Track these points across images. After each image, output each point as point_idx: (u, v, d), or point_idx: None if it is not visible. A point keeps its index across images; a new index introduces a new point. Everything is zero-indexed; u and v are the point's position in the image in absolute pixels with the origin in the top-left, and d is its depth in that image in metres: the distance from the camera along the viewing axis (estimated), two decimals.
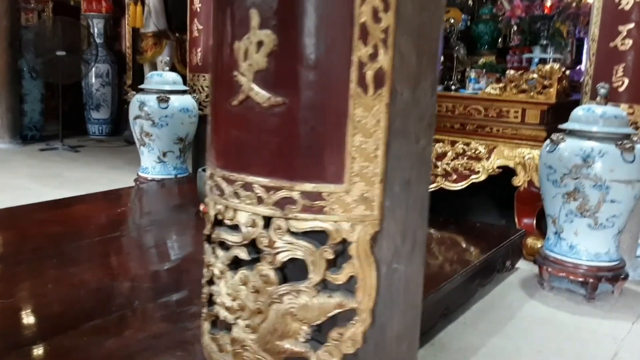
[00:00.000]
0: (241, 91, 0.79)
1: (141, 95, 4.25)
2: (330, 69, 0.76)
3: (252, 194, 0.80)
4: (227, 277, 0.85)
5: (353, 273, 0.80)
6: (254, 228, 0.81)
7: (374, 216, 0.79)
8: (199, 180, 3.25)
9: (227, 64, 0.81)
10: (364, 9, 0.74)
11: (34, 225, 2.89)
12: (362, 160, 0.78)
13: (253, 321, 0.82)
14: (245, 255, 0.82)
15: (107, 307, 1.95)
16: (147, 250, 2.63)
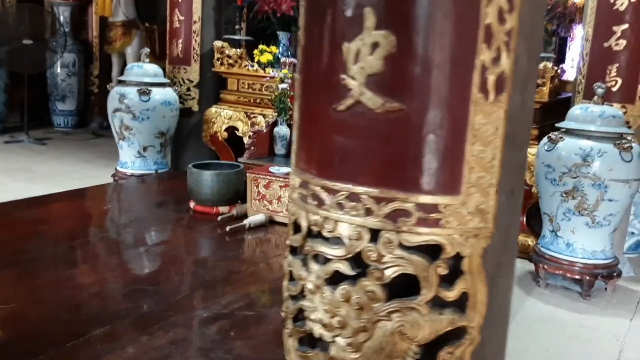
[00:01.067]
0: (350, 96, 0.74)
1: (121, 88, 4.10)
2: (452, 73, 0.71)
3: (359, 205, 0.75)
4: (325, 293, 0.79)
5: (465, 289, 0.76)
6: (359, 241, 0.76)
7: (488, 229, 0.76)
8: (189, 176, 3.16)
9: (331, 67, 0.76)
10: (490, 9, 0.70)
11: (18, 224, 2.76)
12: (480, 170, 0.74)
13: (356, 340, 0.77)
14: (348, 269, 0.77)
15: (115, 311, 1.87)
16: (144, 250, 2.53)
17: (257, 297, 2.09)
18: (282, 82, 3.57)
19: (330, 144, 0.77)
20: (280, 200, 3.03)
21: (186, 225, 2.94)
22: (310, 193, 0.80)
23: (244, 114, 4.25)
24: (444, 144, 0.73)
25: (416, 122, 0.72)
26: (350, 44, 0.73)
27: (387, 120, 0.73)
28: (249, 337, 1.78)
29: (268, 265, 2.44)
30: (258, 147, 3.57)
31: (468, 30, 0.70)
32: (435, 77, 0.71)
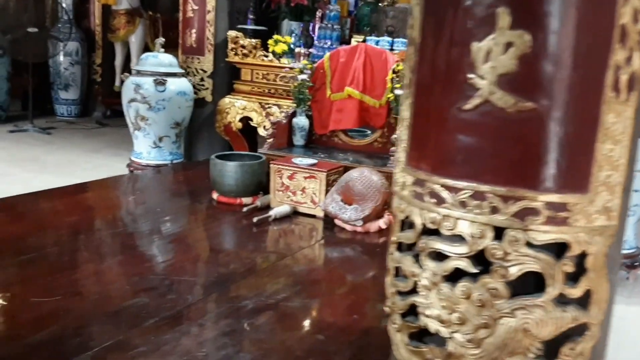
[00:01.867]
0: (478, 95, 0.74)
1: (136, 78, 4.08)
2: (586, 73, 0.72)
3: (484, 204, 0.75)
4: (442, 289, 0.80)
5: (589, 286, 0.77)
6: (481, 239, 0.76)
7: (613, 227, 0.77)
8: (212, 167, 3.15)
9: (455, 66, 0.76)
10: (626, 9, 0.70)
11: (44, 216, 2.75)
12: (608, 169, 0.74)
13: (476, 336, 0.78)
14: (470, 267, 0.78)
15: (159, 303, 1.87)
16: (175, 242, 2.53)
17: (296, 289, 2.09)
18: (302, 73, 3.55)
19: (453, 142, 0.77)
20: (305, 192, 3.03)
21: (212, 217, 2.93)
22: (427, 191, 0.80)
23: (258, 104, 4.24)
24: (575, 142, 0.73)
25: (548, 121, 0.72)
26: (481, 44, 0.73)
27: (518, 119, 0.73)
28: (297, 328, 1.78)
29: (298, 257, 2.45)
30: (277, 137, 3.57)
31: (603, 30, 0.71)
32: (569, 77, 0.72)
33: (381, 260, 2.43)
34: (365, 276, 2.29)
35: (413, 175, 0.83)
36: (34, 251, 2.25)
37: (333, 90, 3.59)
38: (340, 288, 2.16)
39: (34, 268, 2.07)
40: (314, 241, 2.70)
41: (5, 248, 2.24)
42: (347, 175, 2.89)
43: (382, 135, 3.58)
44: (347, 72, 3.54)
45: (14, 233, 2.41)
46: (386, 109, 3.47)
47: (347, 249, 2.59)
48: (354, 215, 2.78)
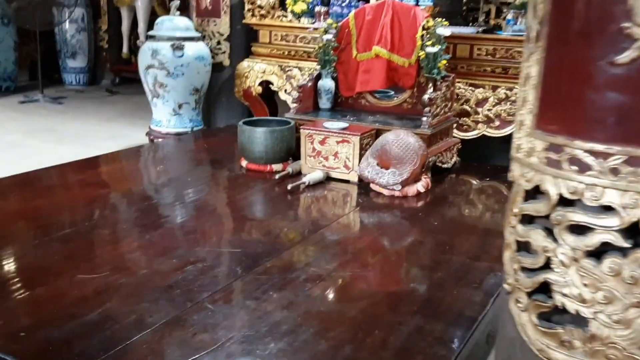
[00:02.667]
0: (636, 47, 0.65)
1: (152, 43, 3.95)
2: None
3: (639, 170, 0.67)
4: (584, 266, 0.72)
5: None
6: (636, 210, 0.68)
7: None
8: (240, 134, 3.06)
9: (608, 14, 0.67)
10: None
11: (77, 188, 2.69)
12: None
13: (625, 316, 0.71)
14: (620, 241, 0.70)
15: (210, 276, 1.81)
16: (215, 212, 2.46)
17: (345, 258, 2.03)
18: (326, 33, 3.42)
19: (601, 102, 0.69)
20: (337, 156, 2.95)
21: (245, 185, 2.86)
22: (565, 157, 0.72)
23: (278, 67, 4.11)
24: None
25: None
26: None
27: None
28: (355, 299, 1.72)
29: (339, 224, 2.37)
30: (302, 101, 3.46)
31: None
32: None
33: (424, 225, 2.37)
34: (411, 242, 2.22)
35: (545, 140, 0.75)
36: (71, 226, 2.20)
37: (359, 50, 3.47)
38: (389, 256, 2.10)
39: (74, 244, 2.01)
40: (351, 208, 2.63)
41: (40, 224, 2.19)
42: (383, 139, 2.81)
43: (412, 95, 3.46)
44: (374, 30, 3.40)
45: (46, 208, 2.35)
46: (416, 68, 3.35)
47: (387, 215, 2.52)
48: (392, 180, 2.70)
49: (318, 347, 1.45)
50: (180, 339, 1.47)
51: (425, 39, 3.20)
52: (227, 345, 1.44)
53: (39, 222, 2.20)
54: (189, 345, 1.44)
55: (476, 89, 3.49)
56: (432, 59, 3.17)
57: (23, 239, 2.06)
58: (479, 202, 2.76)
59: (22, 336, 1.44)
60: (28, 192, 2.54)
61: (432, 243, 2.18)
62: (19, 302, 1.62)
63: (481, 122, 3.49)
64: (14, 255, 1.93)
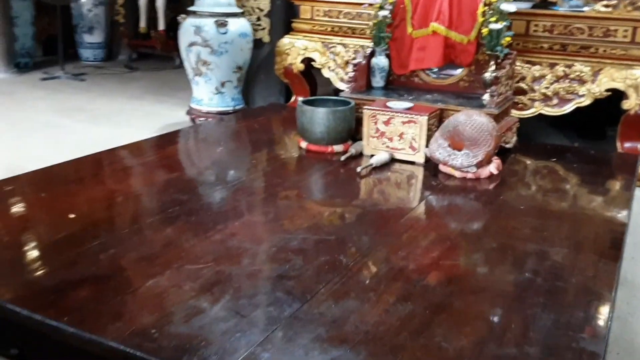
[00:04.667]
0: None
1: (195, 19, 3.85)
2: None
3: None
4: None
5: None
6: None
7: None
8: (300, 114, 2.98)
9: None
10: None
11: (144, 172, 2.61)
12: None
13: None
14: None
15: (317, 266, 1.74)
16: (290, 196, 2.39)
17: (445, 245, 1.98)
18: (381, 9, 3.32)
19: None
20: (403, 137, 2.88)
21: (311, 167, 2.80)
22: None
23: (320, 44, 4.02)
24: None
25: None
26: None
27: None
28: (477, 291, 1.67)
29: (424, 208, 2.31)
30: (357, 80, 3.39)
31: None
32: None
33: (509, 209, 2.30)
34: (504, 228, 2.15)
35: None
36: (158, 212, 2.13)
37: (415, 27, 3.37)
38: (486, 243, 2.03)
39: (166, 232, 1.95)
40: (428, 191, 2.55)
41: (121, 211, 2.12)
42: (454, 119, 2.74)
43: (469, 73, 3.39)
44: (431, 6, 3.31)
45: (122, 193, 2.28)
46: (475, 45, 3.26)
47: (466, 199, 2.47)
48: (466, 162, 2.64)
49: (459, 343, 1.41)
50: (314, 334, 1.42)
51: (488, 15, 3.11)
52: (367, 341, 1.39)
53: (119, 209, 2.14)
54: (326, 341, 1.39)
55: (533, 66, 3.41)
56: (496, 36, 3.09)
57: (111, 228, 2.00)
58: (554, 184, 2.70)
59: (154, 334, 1.39)
60: (96, 177, 2.48)
61: (528, 229, 2.13)
62: (138, 296, 1.57)
63: (538, 101, 3.43)
64: (110, 245, 1.86)
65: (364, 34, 3.86)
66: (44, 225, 2.01)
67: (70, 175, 2.51)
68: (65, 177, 2.47)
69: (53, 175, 2.47)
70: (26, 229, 1.98)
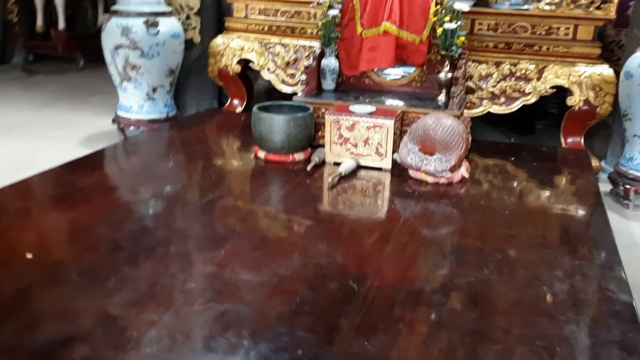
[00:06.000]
0: None
1: (121, 19, 3.51)
2: None
3: None
4: None
5: None
6: None
7: None
8: (258, 122, 2.79)
9: None
10: None
11: (95, 197, 2.30)
12: None
13: None
14: None
15: (376, 287, 1.61)
16: (268, 215, 2.20)
17: (452, 260, 1.89)
18: (331, 8, 3.18)
19: None
20: (368, 143, 2.76)
21: (278, 179, 2.62)
22: None
23: (257, 44, 3.81)
24: None
25: None
26: None
27: None
28: (504, 312, 1.58)
29: (417, 219, 2.20)
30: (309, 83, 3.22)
31: None
32: None
33: (495, 215, 2.23)
34: (502, 236, 2.08)
35: None
36: (129, 245, 1.86)
37: (365, 27, 3.26)
38: (491, 254, 1.93)
39: (148, 267, 1.71)
40: (408, 199, 2.43)
41: (89, 245, 1.84)
42: (423, 123, 2.65)
43: (421, 74, 3.33)
44: (381, 4, 3.21)
45: (82, 224, 1.99)
46: (427, 44, 3.21)
47: (450, 205, 2.39)
48: (439, 167, 2.57)
49: None
50: None
51: (442, 15, 3.06)
52: None
53: (83, 244, 1.85)
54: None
55: (479, 64, 3.41)
56: (450, 36, 3.04)
57: (81, 268, 1.71)
58: (525, 186, 2.68)
59: None
60: (41, 206, 2.15)
61: (525, 235, 2.08)
62: (141, 351, 1.33)
63: (486, 99, 3.44)
64: (88, 289, 1.59)
65: (304, 33, 3.70)
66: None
67: (9, 204, 2.16)
68: (3, 208, 2.13)
69: None
70: None
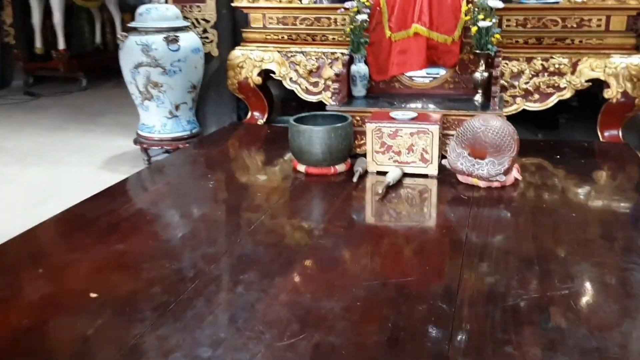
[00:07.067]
0: None
1: (140, 37, 3.40)
2: None
3: None
4: None
5: None
6: None
7: None
8: (296, 135, 2.71)
9: None
10: None
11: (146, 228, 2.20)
12: None
13: None
14: None
15: (424, 322, 1.51)
16: (348, 234, 2.08)
17: (532, 271, 1.79)
18: (359, 13, 3.09)
19: None
20: (412, 149, 2.67)
21: (325, 193, 2.52)
22: None
23: (277, 54, 3.71)
24: None
25: None
26: None
27: None
28: (611, 325, 1.50)
29: (475, 226, 2.10)
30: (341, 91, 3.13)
31: None
32: None
33: (560, 218, 2.12)
34: (576, 241, 1.98)
35: None
36: (198, 274, 1.76)
37: (393, 30, 3.17)
38: (570, 262, 1.84)
39: (220, 297, 1.61)
40: (468, 206, 2.31)
41: (157, 282, 1.74)
42: (470, 126, 2.56)
43: (454, 74, 3.24)
44: (410, 6, 3.12)
45: (134, 256, 1.88)
46: (459, 45, 3.12)
47: (511, 210, 2.31)
48: (493, 170, 2.48)
49: None
50: None
51: (476, 13, 2.98)
52: None
53: (151, 282, 1.75)
54: None
55: (510, 62, 3.33)
56: (485, 34, 2.96)
57: (160, 304, 1.61)
58: (583, 185, 2.59)
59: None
60: (83, 241, 2.04)
61: (602, 239, 2.00)
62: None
63: (519, 97, 3.35)
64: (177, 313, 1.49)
65: (325, 40, 3.61)
66: (64, 310, 1.57)
67: (56, 239, 2.05)
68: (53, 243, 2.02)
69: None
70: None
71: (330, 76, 3.56)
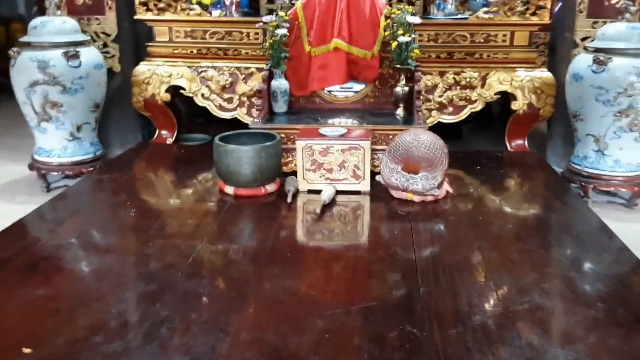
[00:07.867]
0: None
1: (34, 52, 3.07)
2: None
3: None
4: None
5: None
6: None
7: None
8: (223, 156, 2.58)
9: None
10: None
11: None
12: None
13: None
14: None
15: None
16: (278, 261, 1.97)
17: (494, 286, 1.79)
18: (278, 27, 2.99)
19: None
20: (344, 166, 2.62)
21: (260, 216, 2.39)
22: None
23: (187, 69, 3.53)
24: None
25: None
26: None
27: None
28: (579, 338, 1.52)
29: (427, 242, 2.08)
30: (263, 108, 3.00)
31: None
32: None
33: (501, 229, 2.18)
34: (523, 252, 2.02)
35: None
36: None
37: (312, 44, 3.12)
38: (527, 272, 1.87)
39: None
40: (408, 222, 2.28)
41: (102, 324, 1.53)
42: (401, 141, 2.55)
43: (374, 89, 3.24)
44: (329, 21, 3.09)
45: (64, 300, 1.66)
46: (378, 59, 3.13)
47: (449, 223, 2.31)
48: (427, 185, 2.48)
49: None
50: None
51: (395, 28, 3.00)
52: None
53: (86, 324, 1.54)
54: None
55: (424, 75, 3.39)
56: (405, 49, 2.99)
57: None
58: (508, 194, 2.69)
59: None
60: None
61: (542, 249, 2.04)
62: None
63: (435, 109, 3.42)
64: None
65: (238, 54, 3.49)
66: None
67: None
68: None
69: None
70: None
71: (245, 92, 3.44)
